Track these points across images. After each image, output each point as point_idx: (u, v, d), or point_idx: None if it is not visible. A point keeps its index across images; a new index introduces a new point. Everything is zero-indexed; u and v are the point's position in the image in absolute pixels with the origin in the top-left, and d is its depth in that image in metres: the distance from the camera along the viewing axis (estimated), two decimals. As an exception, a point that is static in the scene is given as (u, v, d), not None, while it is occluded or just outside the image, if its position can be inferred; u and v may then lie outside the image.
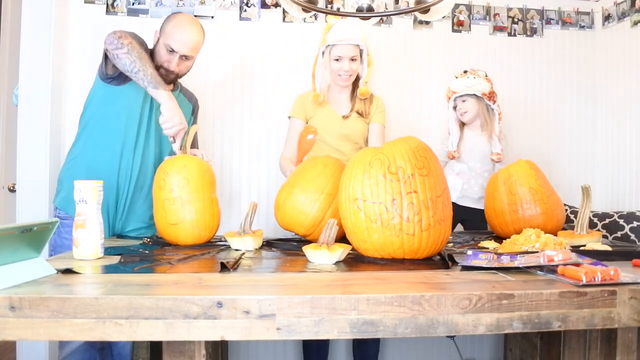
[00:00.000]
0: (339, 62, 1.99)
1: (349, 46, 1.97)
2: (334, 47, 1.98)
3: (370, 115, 2.13)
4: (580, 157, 2.78)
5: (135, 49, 1.63)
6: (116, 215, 1.82)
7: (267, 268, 1.23)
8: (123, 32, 1.66)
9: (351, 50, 1.98)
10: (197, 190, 1.55)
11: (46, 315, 0.89)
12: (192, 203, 1.53)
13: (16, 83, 2.28)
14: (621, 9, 2.61)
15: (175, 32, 1.74)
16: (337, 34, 1.97)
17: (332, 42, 1.98)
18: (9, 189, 2.63)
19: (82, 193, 1.26)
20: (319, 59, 2.06)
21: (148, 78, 1.62)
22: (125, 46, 1.62)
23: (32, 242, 1.04)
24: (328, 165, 1.60)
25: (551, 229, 1.68)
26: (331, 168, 1.58)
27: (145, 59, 1.64)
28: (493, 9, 2.71)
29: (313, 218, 1.52)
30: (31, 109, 2.22)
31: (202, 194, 1.56)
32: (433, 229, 1.25)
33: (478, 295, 0.94)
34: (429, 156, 1.30)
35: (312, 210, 1.52)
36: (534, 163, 1.87)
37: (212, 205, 1.60)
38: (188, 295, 0.91)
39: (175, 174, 1.54)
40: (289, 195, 1.56)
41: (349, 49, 1.97)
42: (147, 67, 1.63)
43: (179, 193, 1.53)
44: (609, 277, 1.02)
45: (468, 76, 2.21)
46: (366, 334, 0.93)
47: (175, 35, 1.74)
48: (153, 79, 1.62)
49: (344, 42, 1.96)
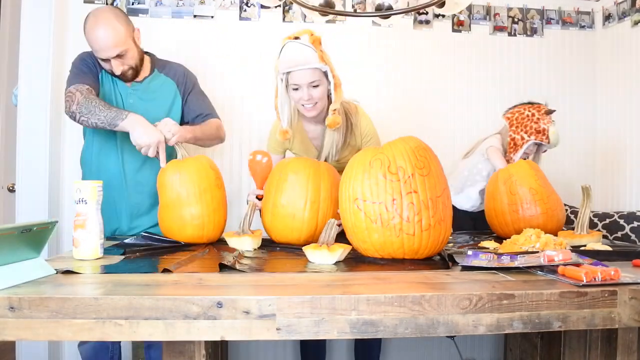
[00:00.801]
0: (298, 91, 1.67)
1: (305, 71, 1.63)
2: (289, 74, 1.66)
3: (360, 145, 1.84)
4: (580, 157, 2.78)
5: (82, 105, 1.62)
6: (122, 215, 1.83)
7: (267, 268, 1.23)
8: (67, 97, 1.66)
9: (308, 76, 1.64)
10: (199, 191, 1.54)
11: (46, 315, 0.89)
12: (195, 203, 1.53)
13: (16, 83, 2.28)
14: (622, 9, 2.60)
15: (92, 42, 1.68)
16: (287, 59, 1.63)
17: (285, 69, 1.65)
18: (8, 189, 2.63)
19: (81, 193, 1.26)
20: (279, 88, 1.71)
21: (106, 122, 1.61)
22: (76, 113, 1.63)
23: (31, 243, 1.04)
24: (298, 172, 1.52)
25: (551, 229, 1.68)
26: (304, 174, 1.52)
27: (92, 106, 1.62)
28: (493, 9, 2.71)
29: (308, 229, 1.51)
30: (31, 109, 2.22)
31: (205, 193, 1.55)
32: (433, 229, 1.25)
33: (478, 295, 0.94)
34: (429, 156, 1.30)
35: (304, 222, 1.50)
36: (534, 163, 1.88)
37: (217, 204, 1.59)
38: (188, 296, 0.91)
39: (177, 174, 1.54)
40: (275, 217, 1.53)
41: (305, 75, 1.64)
42: (98, 113, 1.61)
43: (181, 193, 1.53)
44: (610, 277, 1.02)
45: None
46: (366, 334, 0.93)
47: (93, 45, 1.69)
48: (108, 119, 1.61)
49: (297, 68, 1.63)
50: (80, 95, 1.64)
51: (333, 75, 1.68)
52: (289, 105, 1.73)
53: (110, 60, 1.70)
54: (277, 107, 1.73)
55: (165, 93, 1.86)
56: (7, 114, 2.78)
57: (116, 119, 1.60)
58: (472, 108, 2.69)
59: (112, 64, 1.71)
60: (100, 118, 1.61)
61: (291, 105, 1.73)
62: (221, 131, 1.94)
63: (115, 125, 1.61)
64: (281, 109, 1.73)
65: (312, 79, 1.65)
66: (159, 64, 1.90)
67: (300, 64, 1.62)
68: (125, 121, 1.60)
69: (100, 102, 1.65)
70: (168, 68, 1.91)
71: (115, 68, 1.72)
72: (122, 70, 1.74)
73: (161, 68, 1.89)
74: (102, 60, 1.72)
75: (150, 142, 1.58)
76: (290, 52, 1.63)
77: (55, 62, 2.25)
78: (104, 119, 1.60)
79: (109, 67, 1.73)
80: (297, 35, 1.65)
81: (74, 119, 1.66)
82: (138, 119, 1.61)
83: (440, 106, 2.66)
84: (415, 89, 2.65)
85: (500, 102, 2.70)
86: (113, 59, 1.70)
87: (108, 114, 1.61)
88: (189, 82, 1.93)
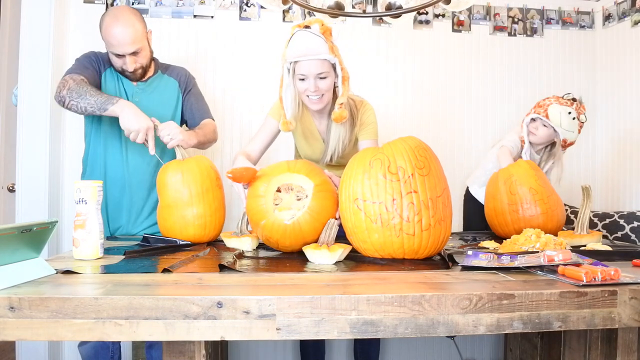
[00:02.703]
0: (304, 81, 1.62)
1: (314, 62, 1.58)
2: (297, 64, 1.60)
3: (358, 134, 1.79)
4: (580, 157, 2.78)
5: (73, 90, 1.64)
6: (123, 215, 1.84)
7: (267, 268, 1.23)
8: (60, 82, 1.67)
9: (317, 67, 1.58)
10: (202, 191, 1.55)
11: (46, 315, 0.89)
12: (197, 203, 1.54)
13: (16, 83, 2.28)
14: (622, 9, 2.60)
15: (109, 37, 1.71)
16: (296, 48, 1.57)
17: (293, 57, 1.59)
18: (8, 189, 2.63)
19: (81, 193, 1.26)
20: (285, 78, 1.66)
21: (96, 106, 1.63)
22: (65, 97, 1.64)
23: (31, 242, 1.04)
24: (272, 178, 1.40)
25: (551, 229, 1.68)
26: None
27: (83, 91, 1.64)
28: (493, 9, 2.71)
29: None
30: (31, 109, 2.22)
31: (207, 193, 1.56)
32: (433, 229, 1.25)
33: (478, 295, 0.94)
34: (429, 156, 1.30)
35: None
36: (534, 163, 1.87)
37: (218, 204, 1.60)
38: (188, 296, 0.91)
39: (180, 175, 1.54)
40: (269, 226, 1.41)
41: (314, 65, 1.58)
42: (89, 97, 1.63)
43: (184, 193, 1.53)
44: (610, 277, 1.02)
45: (571, 112, 2.02)
46: (366, 334, 0.93)
47: (110, 41, 1.71)
48: (98, 104, 1.63)
49: (305, 58, 1.57)
50: (72, 82, 1.66)
51: (342, 68, 1.62)
52: (294, 96, 1.67)
53: (125, 57, 1.74)
54: (282, 97, 1.68)
55: (169, 92, 1.90)
56: (7, 114, 2.78)
57: (106, 103, 1.62)
58: (472, 108, 2.69)
59: (126, 61, 1.74)
60: (90, 102, 1.62)
61: (296, 96, 1.68)
62: (216, 134, 1.98)
63: (105, 109, 1.62)
64: (285, 99, 1.67)
65: (321, 70, 1.59)
66: (162, 66, 1.95)
67: (309, 54, 1.57)
68: (116, 105, 1.62)
69: (92, 88, 1.67)
70: (171, 69, 1.96)
71: (129, 65, 1.75)
72: (134, 67, 1.77)
73: (164, 69, 1.94)
74: (116, 57, 1.75)
75: (139, 128, 1.60)
76: (299, 41, 1.57)
77: (55, 62, 2.25)
78: (94, 103, 1.62)
79: (121, 63, 1.76)
80: (308, 24, 1.59)
81: (63, 104, 1.67)
82: (128, 104, 1.64)
83: (440, 106, 2.66)
84: (415, 89, 2.65)
85: (500, 102, 2.71)
86: (128, 55, 1.73)
87: (99, 99, 1.63)
88: (190, 82, 1.98)
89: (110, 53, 1.76)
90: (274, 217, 1.33)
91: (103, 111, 1.63)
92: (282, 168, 1.41)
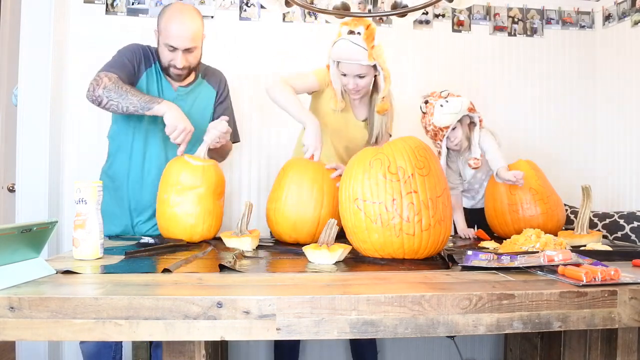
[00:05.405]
0: (346, 77, 1.84)
1: (353, 65, 1.80)
2: (339, 63, 1.83)
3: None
4: (580, 157, 2.78)
5: (112, 90, 1.62)
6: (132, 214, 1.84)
7: (267, 268, 1.23)
8: (94, 80, 1.65)
9: (356, 69, 1.80)
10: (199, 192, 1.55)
11: (46, 315, 0.89)
12: (193, 203, 1.54)
13: (16, 83, 2.28)
14: (622, 9, 2.60)
15: (170, 28, 1.68)
16: (339, 52, 1.79)
17: (335, 58, 1.83)
18: (8, 189, 2.63)
19: (81, 193, 1.26)
20: (332, 68, 1.89)
21: (139, 105, 1.61)
22: (102, 97, 1.62)
23: (31, 243, 1.04)
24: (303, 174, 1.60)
25: (551, 229, 1.68)
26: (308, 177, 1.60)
27: (123, 91, 1.62)
28: (493, 9, 2.71)
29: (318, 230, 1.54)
30: (31, 109, 2.22)
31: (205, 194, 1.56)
32: (433, 229, 1.25)
33: (478, 295, 0.94)
34: (429, 156, 1.30)
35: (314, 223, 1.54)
36: (534, 163, 1.87)
37: (215, 206, 1.60)
38: (188, 296, 0.91)
39: (176, 174, 1.55)
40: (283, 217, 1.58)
41: (354, 68, 1.80)
42: (131, 97, 1.61)
43: (179, 193, 1.53)
44: (610, 277, 1.02)
45: (448, 100, 1.93)
46: (366, 334, 0.93)
47: (170, 31, 1.68)
48: (142, 103, 1.62)
49: (346, 62, 1.80)
50: (108, 80, 1.64)
51: (382, 68, 1.83)
52: (339, 83, 1.89)
53: (179, 52, 1.71)
54: (332, 82, 1.90)
55: (207, 101, 1.88)
56: (7, 114, 2.78)
57: (151, 102, 1.62)
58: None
59: (177, 56, 1.72)
60: (132, 102, 1.61)
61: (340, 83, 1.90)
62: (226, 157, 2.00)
63: (149, 108, 1.61)
64: (334, 83, 1.90)
65: (359, 72, 1.80)
66: (201, 70, 1.91)
67: (350, 59, 1.77)
68: (162, 104, 1.62)
69: (131, 88, 1.65)
70: (210, 74, 1.92)
71: (179, 61, 1.72)
72: (183, 64, 1.74)
73: (204, 74, 1.91)
74: (168, 50, 1.71)
75: (185, 126, 1.61)
76: (342, 48, 1.77)
77: (55, 62, 2.25)
78: (137, 103, 1.61)
79: (171, 57, 1.73)
80: (354, 27, 1.76)
81: (98, 104, 1.64)
82: (174, 105, 1.64)
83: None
84: (415, 89, 2.65)
85: (500, 102, 2.70)
86: (182, 51, 1.71)
87: (142, 98, 1.62)
88: (225, 90, 1.96)
89: (163, 45, 1.72)
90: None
91: (147, 110, 1.62)
92: None
